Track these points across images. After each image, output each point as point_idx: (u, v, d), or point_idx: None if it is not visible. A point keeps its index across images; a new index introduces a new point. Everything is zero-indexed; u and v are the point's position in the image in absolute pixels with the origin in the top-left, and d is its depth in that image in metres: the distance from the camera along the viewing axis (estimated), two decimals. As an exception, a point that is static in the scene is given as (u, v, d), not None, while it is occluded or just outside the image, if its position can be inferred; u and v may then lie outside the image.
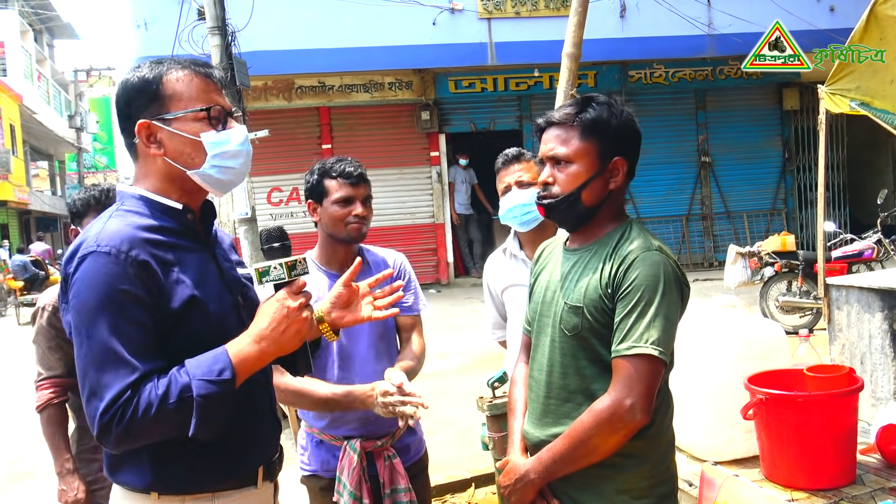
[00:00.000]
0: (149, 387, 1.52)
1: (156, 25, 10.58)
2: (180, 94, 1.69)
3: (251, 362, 1.63)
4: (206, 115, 1.70)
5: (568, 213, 1.97)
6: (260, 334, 1.63)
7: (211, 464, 1.67)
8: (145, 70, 1.71)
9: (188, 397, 1.53)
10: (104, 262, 1.55)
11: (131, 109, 1.70)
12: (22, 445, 6.69)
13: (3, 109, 22.44)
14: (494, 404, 3.36)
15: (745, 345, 2.57)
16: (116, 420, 1.50)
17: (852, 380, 2.29)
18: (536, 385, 2.02)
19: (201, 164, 1.70)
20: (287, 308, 1.64)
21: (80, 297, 1.55)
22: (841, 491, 2.22)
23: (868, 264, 8.10)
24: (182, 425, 1.54)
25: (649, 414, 1.81)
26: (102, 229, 1.61)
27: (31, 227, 28.30)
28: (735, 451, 2.52)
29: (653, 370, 1.80)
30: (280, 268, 1.66)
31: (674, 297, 1.85)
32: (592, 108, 1.94)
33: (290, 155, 12.17)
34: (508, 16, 11.89)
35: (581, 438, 1.83)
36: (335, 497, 2.54)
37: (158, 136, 1.69)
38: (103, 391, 1.51)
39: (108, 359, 1.53)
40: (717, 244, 13.33)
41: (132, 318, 1.55)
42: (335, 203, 2.55)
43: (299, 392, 2.48)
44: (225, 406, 1.58)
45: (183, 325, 1.62)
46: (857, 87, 5.05)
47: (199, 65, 1.75)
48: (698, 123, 13.54)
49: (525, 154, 2.86)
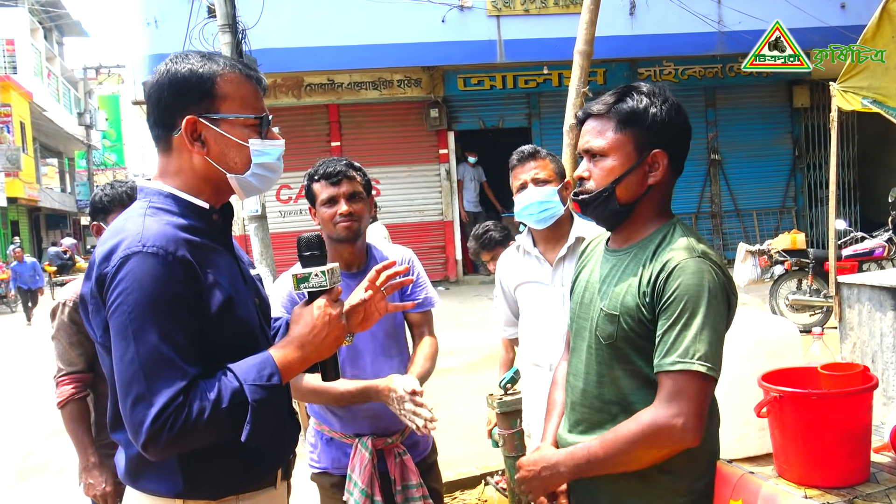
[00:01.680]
0: (199, 392, 1.51)
1: (166, 23, 10.61)
2: (233, 97, 1.66)
3: (295, 367, 1.64)
4: (256, 123, 1.68)
5: (602, 209, 1.84)
6: (303, 340, 1.64)
7: (238, 468, 1.67)
8: (196, 63, 1.65)
9: (241, 402, 1.52)
10: (152, 263, 1.51)
11: (177, 101, 1.63)
12: (34, 440, 6.74)
13: (13, 107, 22.55)
14: (504, 401, 3.38)
15: (758, 343, 2.56)
16: (169, 426, 1.47)
17: (867, 378, 2.28)
18: (572, 391, 1.95)
19: (244, 170, 1.68)
20: (329, 315, 1.66)
21: (126, 299, 1.50)
22: (855, 489, 2.21)
23: (879, 262, 8.06)
24: (232, 430, 1.53)
25: (700, 435, 1.69)
26: (144, 229, 1.56)
27: (41, 224, 28.45)
28: (748, 449, 2.51)
29: (702, 388, 1.68)
30: (322, 275, 1.67)
31: (720, 307, 1.73)
32: (631, 97, 1.81)
33: (300, 152, 12.15)
34: (517, 13, 11.88)
35: (621, 446, 1.73)
36: (345, 496, 2.54)
37: (203, 135, 1.64)
38: (154, 397, 1.48)
39: (159, 363, 1.49)
40: (727, 242, 13.29)
41: (181, 322, 1.52)
42: (322, 205, 2.59)
43: (316, 390, 2.51)
44: (274, 410, 1.60)
45: (220, 327, 1.60)
46: (869, 84, 5.04)
47: (250, 68, 1.73)
48: (708, 121, 13.50)
49: (540, 151, 2.86)
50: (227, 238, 1.78)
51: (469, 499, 4.55)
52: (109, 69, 32.52)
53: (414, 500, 2.58)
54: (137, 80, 11.47)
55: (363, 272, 2.50)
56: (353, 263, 2.64)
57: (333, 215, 2.56)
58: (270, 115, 1.75)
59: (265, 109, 1.73)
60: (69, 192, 32.08)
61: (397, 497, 2.57)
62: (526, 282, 2.91)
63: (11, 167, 21.73)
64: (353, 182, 2.59)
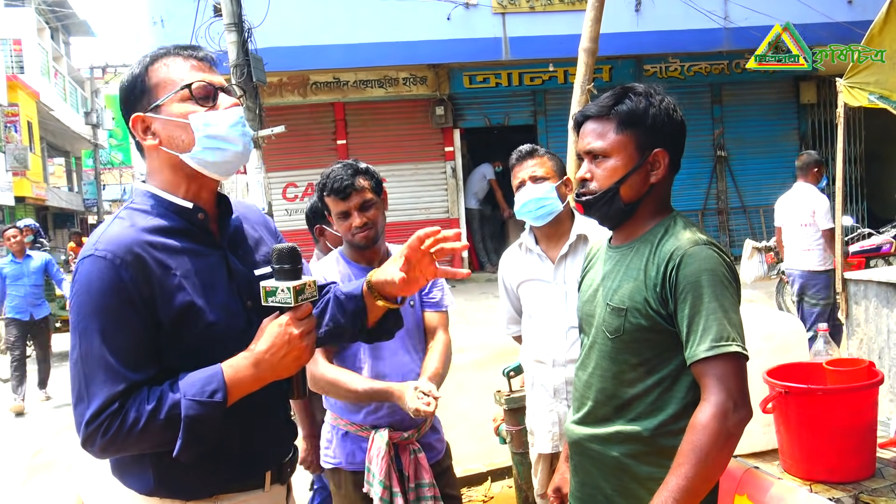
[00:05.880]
0: (138, 399, 1.50)
1: (172, 22, 10.63)
2: (164, 81, 1.64)
3: (246, 385, 1.58)
4: (189, 95, 1.63)
5: (607, 209, 1.88)
6: (258, 357, 1.57)
7: (213, 470, 1.64)
8: (134, 66, 1.68)
9: (177, 415, 1.50)
10: (100, 267, 1.52)
11: (127, 108, 1.67)
12: (43, 437, 6.77)
13: (20, 106, 22.61)
14: (512, 398, 3.39)
15: (765, 339, 2.58)
16: (102, 430, 1.48)
17: (872, 373, 2.29)
18: (578, 384, 1.99)
19: (192, 145, 1.63)
20: (289, 335, 1.57)
21: (76, 300, 1.54)
22: (861, 484, 2.22)
23: (886, 259, 8.04)
24: (168, 442, 1.52)
25: (751, 409, 1.72)
26: (104, 232, 1.59)
27: (49, 223, 28.55)
28: (754, 444, 2.52)
29: (740, 366, 1.72)
30: (287, 291, 1.56)
31: (733, 289, 1.77)
32: (629, 99, 1.86)
33: (306, 151, 12.22)
34: (523, 10, 11.87)
35: (700, 460, 1.66)
36: (365, 487, 2.57)
37: (153, 127, 1.65)
38: (90, 399, 1.49)
39: (97, 366, 1.50)
40: (734, 239, 13.25)
41: (125, 327, 1.52)
42: (336, 218, 2.67)
43: (334, 382, 2.56)
44: (212, 427, 1.54)
45: (177, 333, 1.58)
46: (876, 80, 5.02)
47: (182, 47, 1.70)
48: (714, 118, 13.45)
49: (538, 150, 2.90)
50: (218, 238, 1.72)
51: (475, 495, 4.56)
52: (116, 68, 32.61)
53: (425, 499, 2.60)
54: (144, 79, 11.50)
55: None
56: (375, 260, 2.71)
57: (349, 227, 2.63)
58: (228, 84, 1.70)
59: (205, 78, 1.65)
60: (76, 192, 32.15)
61: (409, 494, 2.59)
62: (528, 279, 2.92)
63: (19, 166, 21.78)
64: (363, 192, 2.62)
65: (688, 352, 1.73)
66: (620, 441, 1.87)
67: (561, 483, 2.30)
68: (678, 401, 1.82)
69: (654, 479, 1.77)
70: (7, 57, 23.74)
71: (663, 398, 1.83)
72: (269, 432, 1.76)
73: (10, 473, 5.85)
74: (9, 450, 6.54)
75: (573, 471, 2.03)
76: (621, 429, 1.87)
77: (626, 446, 1.86)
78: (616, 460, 1.88)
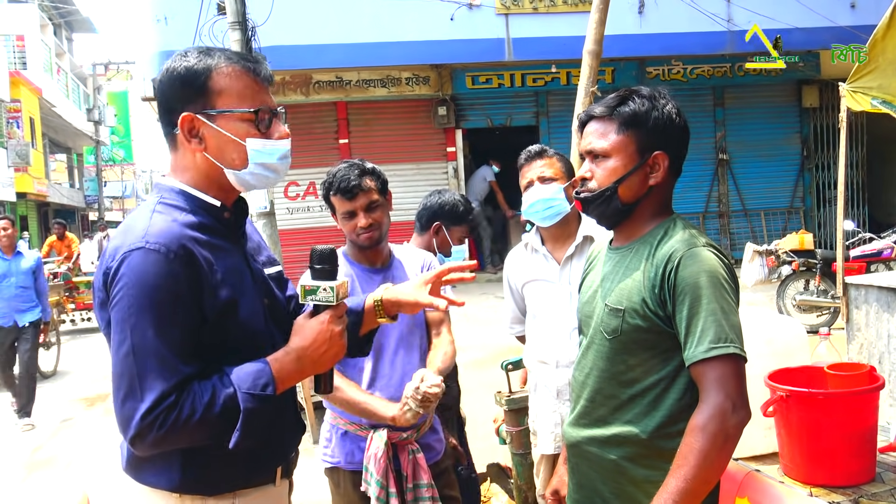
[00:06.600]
0: (192, 392, 1.51)
1: (176, 20, 10.63)
2: (228, 91, 1.64)
3: (291, 379, 1.65)
4: (252, 117, 1.65)
5: (604, 208, 1.90)
6: (301, 353, 1.64)
7: (236, 465, 1.67)
8: (193, 59, 1.65)
9: (233, 408, 1.53)
10: (153, 259, 1.52)
11: (174, 99, 1.65)
12: (42, 434, 6.78)
13: (23, 102, 22.62)
14: (512, 399, 3.39)
15: (766, 343, 2.59)
16: (158, 423, 1.48)
17: (873, 378, 2.29)
18: (576, 385, 2.00)
19: (242, 167, 1.66)
20: (331, 331, 1.65)
21: (127, 294, 1.51)
22: (860, 488, 2.22)
23: (887, 263, 8.04)
24: (222, 435, 1.54)
25: (749, 410, 1.72)
26: (149, 225, 1.57)
27: (50, 219, 28.55)
28: (754, 448, 2.52)
29: (739, 368, 1.72)
30: (330, 290, 1.65)
31: (732, 291, 1.78)
32: (632, 100, 1.88)
33: (308, 150, 12.21)
34: (526, 11, 11.87)
35: (699, 462, 1.66)
36: (363, 486, 2.58)
37: (201, 132, 1.64)
38: (144, 393, 1.49)
39: (153, 359, 1.50)
40: (735, 242, 13.24)
41: (178, 320, 1.53)
42: (342, 218, 2.66)
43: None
44: (265, 419, 1.59)
45: (220, 328, 1.60)
46: (879, 84, 5.03)
47: (249, 60, 1.69)
48: (716, 120, 13.45)
49: (548, 150, 2.89)
50: (238, 237, 1.77)
51: (475, 496, 4.56)
52: (118, 65, 32.59)
53: (423, 499, 2.61)
54: (147, 77, 11.50)
55: (386, 269, 2.70)
56: (377, 261, 2.73)
57: (354, 227, 2.63)
58: (279, 108, 1.72)
59: (267, 102, 1.68)
60: (78, 188, 32.18)
61: (407, 494, 2.60)
62: (533, 280, 2.93)
63: (21, 162, 21.79)
64: (369, 192, 2.62)
65: (686, 353, 1.74)
66: (618, 444, 1.88)
67: (559, 485, 2.31)
68: (675, 402, 1.82)
69: (652, 482, 1.77)
70: (10, 53, 23.76)
71: (660, 399, 1.83)
72: (284, 428, 1.80)
73: (9, 470, 5.86)
74: (8, 446, 6.54)
75: (571, 473, 2.04)
76: (618, 431, 1.87)
77: (623, 449, 1.87)
78: (614, 463, 1.89)
